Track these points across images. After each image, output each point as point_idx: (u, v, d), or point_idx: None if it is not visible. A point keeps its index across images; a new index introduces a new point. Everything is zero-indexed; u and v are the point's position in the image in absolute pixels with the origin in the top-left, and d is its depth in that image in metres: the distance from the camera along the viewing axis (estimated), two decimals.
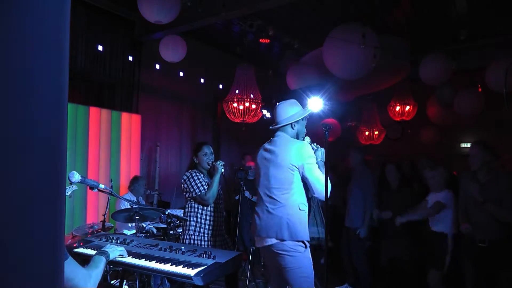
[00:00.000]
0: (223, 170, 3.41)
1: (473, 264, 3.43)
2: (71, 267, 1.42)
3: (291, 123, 2.72)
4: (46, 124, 0.66)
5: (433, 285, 3.79)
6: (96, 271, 1.59)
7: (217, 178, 3.35)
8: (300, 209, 2.52)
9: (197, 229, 3.36)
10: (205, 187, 3.34)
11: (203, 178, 3.40)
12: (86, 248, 2.10)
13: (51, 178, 0.68)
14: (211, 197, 3.32)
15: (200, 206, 3.40)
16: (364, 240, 4.65)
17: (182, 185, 3.44)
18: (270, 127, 2.82)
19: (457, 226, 3.65)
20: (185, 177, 3.43)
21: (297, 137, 2.75)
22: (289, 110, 2.75)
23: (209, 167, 3.47)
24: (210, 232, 3.37)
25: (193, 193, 3.33)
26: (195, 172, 3.42)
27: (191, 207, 3.43)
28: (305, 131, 2.82)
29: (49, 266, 0.68)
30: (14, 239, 0.62)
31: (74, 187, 2.84)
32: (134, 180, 4.87)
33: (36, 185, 0.65)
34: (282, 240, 2.45)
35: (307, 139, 2.74)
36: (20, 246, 0.63)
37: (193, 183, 3.35)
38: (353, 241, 4.69)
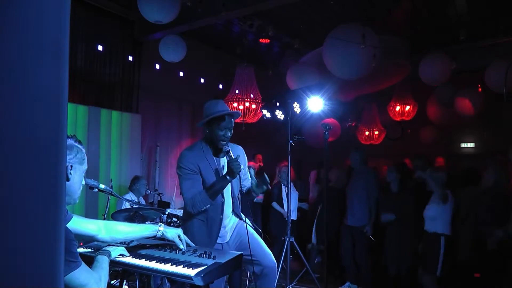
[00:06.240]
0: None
1: None
2: (85, 273, 1.46)
3: (204, 125, 2.47)
4: (46, 124, 0.66)
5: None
6: (104, 272, 1.63)
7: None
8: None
9: None
10: None
11: None
12: (86, 248, 2.10)
13: (50, 178, 0.68)
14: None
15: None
16: (368, 238, 4.66)
17: None
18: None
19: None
20: None
21: (211, 143, 2.49)
22: (205, 110, 2.49)
23: None
24: None
25: None
26: None
27: None
28: (221, 135, 2.42)
29: (48, 264, 0.68)
30: (14, 238, 0.62)
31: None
32: (135, 180, 4.81)
33: (36, 185, 0.65)
34: None
35: (226, 147, 2.46)
36: (20, 244, 0.63)
37: None
38: (358, 240, 4.68)
